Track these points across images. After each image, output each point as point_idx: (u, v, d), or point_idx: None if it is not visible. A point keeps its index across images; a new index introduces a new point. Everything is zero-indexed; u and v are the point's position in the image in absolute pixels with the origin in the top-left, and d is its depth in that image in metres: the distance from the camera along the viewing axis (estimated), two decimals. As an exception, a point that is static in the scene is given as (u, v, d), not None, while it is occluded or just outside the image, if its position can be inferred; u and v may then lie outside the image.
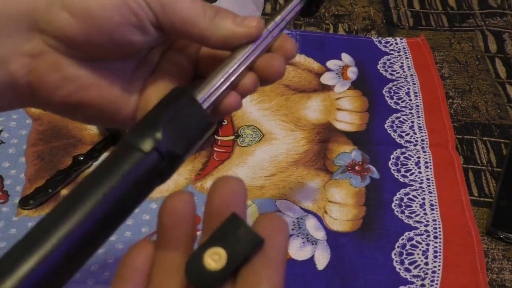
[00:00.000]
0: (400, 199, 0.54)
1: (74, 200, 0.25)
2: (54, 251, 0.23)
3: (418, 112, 0.63)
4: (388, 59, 0.70)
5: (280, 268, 0.23)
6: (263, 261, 0.23)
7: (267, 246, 0.23)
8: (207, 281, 0.23)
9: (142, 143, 0.27)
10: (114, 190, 0.25)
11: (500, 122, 0.63)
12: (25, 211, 0.52)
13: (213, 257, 0.23)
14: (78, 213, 0.24)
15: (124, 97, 0.33)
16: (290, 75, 0.67)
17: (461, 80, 0.68)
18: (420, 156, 0.58)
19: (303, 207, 0.53)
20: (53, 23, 0.29)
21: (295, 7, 0.37)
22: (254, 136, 0.60)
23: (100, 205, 0.25)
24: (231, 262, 0.23)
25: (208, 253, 0.23)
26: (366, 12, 0.79)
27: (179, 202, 0.25)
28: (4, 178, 0.54)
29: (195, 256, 0.23)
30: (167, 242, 0.24)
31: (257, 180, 0.55)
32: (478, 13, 0.79)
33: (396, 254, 0.50)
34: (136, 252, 0.24)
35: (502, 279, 0.48)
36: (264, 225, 0.24)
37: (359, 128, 0.61)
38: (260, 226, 0.24)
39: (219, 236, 0.23)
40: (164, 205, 0.25)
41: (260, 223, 0.24)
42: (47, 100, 0.31)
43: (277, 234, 0.24)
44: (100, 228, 0.25)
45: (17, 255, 0.23)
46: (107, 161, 0.27)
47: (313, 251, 0.50)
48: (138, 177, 0.26)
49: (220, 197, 0.25)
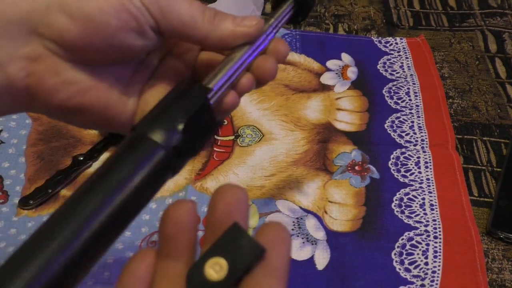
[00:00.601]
0: (400, 199, 0.54)
1: (89, 189, 0.25)
2: (70, 243, 0.23)
3: (418, 112, 0.63)
4: (388, 59, 0.70)
5: (282, 278, 0.23)
6: (265, 271, 0.23)
7: (269, 256, 0.23)
8: None
9: (156, 135, 0.27)
10: (128, 181, 0.26)
11: (500, 122, 0.63)
12: (25, 211, 0.52)
13: (215, 268, 0.23)
14: (93, 201, 0.25)
15: (122, 100, 0.33)
16: (290, 75, 0.67)
17: (461, 80, 0.68)
18: (420, 156, 0.58)
19: (303, 207, 0.53)
20: (52, 27, 0.29)
21: (287, 13, 0.38)
22: (254, 136, 0.60)
23: (113, 196, 0.25)
24: (233, 273, 0.23)
25: (209, 264, 0.23)
26: (366, 12, 0.79)
27: (181, 211, 0.24)
28: (4, 178, 0.54)
29: (196, 267, 0.23)
30: (169, 251, 0.24)
31: (257, 180, 0.55)
32: (478, 13, 0.79)
33: (396, 254, 0.50)
34: (138, 261, 0.24)
35: (502, 279, 0.48)
36: (266, 234, 0.24)
37: (359, 128, 0.61)
38: (262, 235, 0.24)
39: (221, 246, 0.23)
40: (166, 213, 0.25)
41: (262, 233, 0.24)
42: (46, 104, 0.31)
43: (280, 243, 0.24)
44: (115, 220, 0.25)
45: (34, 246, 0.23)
46: (120, 153, 0.27)
47: (313, 251, 0.50)
48: (151, 169, 0.27)
49: (222, 206, 0.24)
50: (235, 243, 0.23)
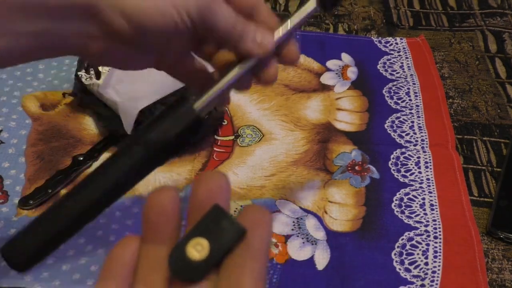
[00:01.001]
0: (400, 199, 0.54)
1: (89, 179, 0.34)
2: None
3: (418, 112, 0.63)
4: (388, 59, 0.70)
5: (262, 259, 0.24)
6: (246, 252, 0.23)
7: (250, 237, 0.24)
8: (190, 272, 0.23)
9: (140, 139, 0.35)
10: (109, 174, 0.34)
11: (500, 122, 0.63)
12: (25, 211, 0.52)
13: (196, 248, 0.23)
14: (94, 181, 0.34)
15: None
16: (290, 75, 0.67)
17: (461, 80, 0.68)
18: (420, 156, 0.58)
19: (303, 207, 0.53)
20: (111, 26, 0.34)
21: (308, 14, 0.38)
22: (254, 136, 0.60)
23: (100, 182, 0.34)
24: (214, 253, 0.23)
25: (191, 244, 0.23)
26: (366, 12, 0.79)
27: (164, 198, 0.25)
28: (4, 178, 0.54)
29: (177, 248, 0.23)
30: (153, 236, 0.25)
31: (257, 180, 0.55)
32: (478, 13, 0.79)
33: (396, 254, 0.50)
34: (123, 247, 0.25)
35: (502, 279, 0.48)
36: (247, 216, 0.24)
37: (359, 128, 0.61)
38: (244, 217, 0.24)
39: (202, 227, 0.23)
40: (149, 200, 0.25)
41: (243, 215, 0.25)
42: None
43: (260, 225, 0.24)
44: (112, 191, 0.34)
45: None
46: (110, 156, 0.34)
47: (313, 251, 0.50)
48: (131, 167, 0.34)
49: (203, 191, 0.25)
50: (217, 224, 0.23)
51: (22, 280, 0.46)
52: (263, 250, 0.24)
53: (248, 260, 0.23)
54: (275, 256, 0.49)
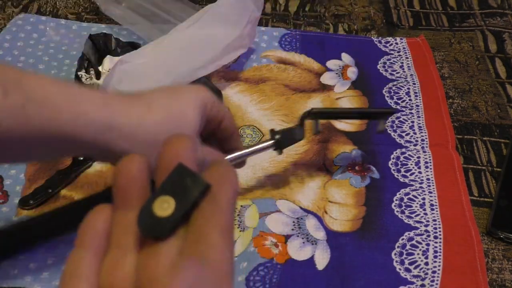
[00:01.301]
0: (400, 199, 0.54)
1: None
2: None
3: (418, 112, 0.63)
4: (388, 59, 0.70)
5: (228, 211, 0.24)
6: (212, 206, 0.24)
7: (215, 192, 0.24)
8: (158, 228, 0.23)
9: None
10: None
11: (500, 122, 0.63)
12: (25, 211, 0.52)
13: (163, 206, 0.23)
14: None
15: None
16: (290, 75, 0.67)
17: (461, 80, 0.68)
18: (420, 156, 0.58)
19: (303, 207, 0.53)
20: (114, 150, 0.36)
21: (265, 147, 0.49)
22: (254, 136, 0.60)
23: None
24: (180, 208, 0.23)
25: (157, 202, 0.24)
26: (366, 12, 0.79)
27: (132, 165, 0.25)
28: (4, 178, 0.54)
29: (145, 207, 0.24)
30: (124, 203, 0.25)
31: (257, 180, 0.55)
32: (478, 13, 0.79)
33: (396, 254, 0.50)
34: (95, 215, 0.25)
35: (502, 279, 0.48)
36: (212, 172, 0.25)
37: (359, 128, 0.61)
38: (208, 173, 0.25)
39: (168, 186, 0.24)
40: (118, 167, 0.26)
41: (208, 171, 0.25)
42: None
43: (225, 179, 0.25)
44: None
45: None
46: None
47: (313, 251, 0.50)
48: None
49: (169, 151, 0.26)
50: (181, 181, 0.24)
51: (22, 280, 0.46)
52: (229, 204, 0.24)
53: (215, 213, 0.24)
54: (275, 256, 0.49)
